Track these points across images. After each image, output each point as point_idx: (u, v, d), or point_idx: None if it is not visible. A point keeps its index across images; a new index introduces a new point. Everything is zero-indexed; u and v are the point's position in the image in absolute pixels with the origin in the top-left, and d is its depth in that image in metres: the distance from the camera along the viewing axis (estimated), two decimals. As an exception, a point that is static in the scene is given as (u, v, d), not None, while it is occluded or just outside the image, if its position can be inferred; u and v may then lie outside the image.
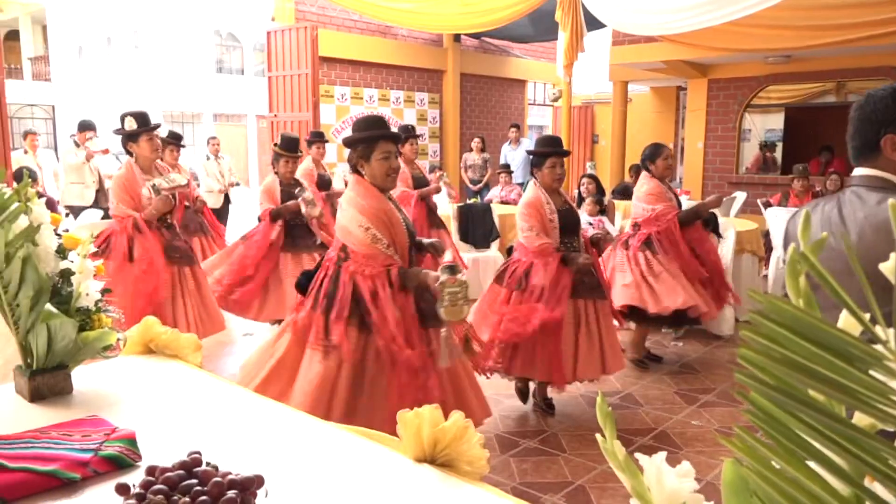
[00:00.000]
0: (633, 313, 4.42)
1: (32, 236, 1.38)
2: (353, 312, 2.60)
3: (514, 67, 12.74)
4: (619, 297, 4.35)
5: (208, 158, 8.33)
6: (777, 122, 10.57)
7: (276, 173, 5.01)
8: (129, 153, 3.96)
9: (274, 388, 2.57)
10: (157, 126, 4.10)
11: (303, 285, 2.78)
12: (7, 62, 21.98)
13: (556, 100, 12.61)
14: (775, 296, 0.38)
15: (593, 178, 8.15)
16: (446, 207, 6.89)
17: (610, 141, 11.16)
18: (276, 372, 2.65)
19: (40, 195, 1.48)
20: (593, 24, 7.22)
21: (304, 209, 4.80)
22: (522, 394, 3.96)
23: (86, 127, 7.77)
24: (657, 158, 4.52)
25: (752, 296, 0.37)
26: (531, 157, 3.86)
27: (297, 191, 4.97)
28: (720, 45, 7.58)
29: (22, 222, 1.38)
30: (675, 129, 12.47)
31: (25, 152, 7.89)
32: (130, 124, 3.92)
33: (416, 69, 10.95)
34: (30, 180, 1.47)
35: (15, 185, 1.40)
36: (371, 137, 2.65)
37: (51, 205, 6.74)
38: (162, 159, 4.68)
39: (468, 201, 8.03)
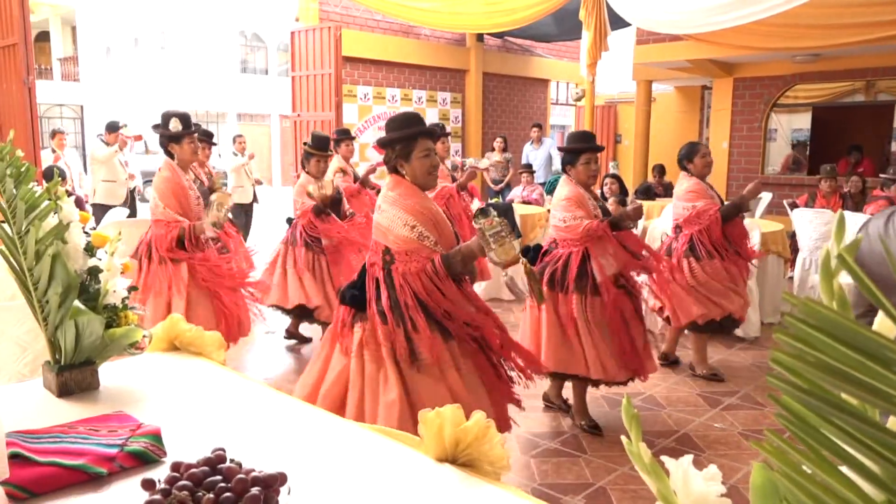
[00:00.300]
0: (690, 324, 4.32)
1: (62, 234, 1.40)
2: (429, 317, 2.45)
3: (537, 67, 12.69)
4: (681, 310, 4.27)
5: (235, 155, 8.40)
6: (804, 121, 10.42)
7: (307, 172, 4.93)
8: (169, 154, 3.87)
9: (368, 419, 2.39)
10: (199, 128, 4.07)
11: (358, 299, 2.56)
12: (37, 63, 22.35)
13: (579, 99, 12.53)
14: (810, 298, 0.37)
15: (616, 178, 8.09)
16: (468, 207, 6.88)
17: (633, 141, 11.07)
18: (360, 404, 2.45)
19: (69, 193, 1.51)
20: (617, 23, 7.16)
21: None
22: (561, 404, 3.88)
23: (114, 128, 7.87)
24: (695, 156, 4.41)
25: (787, 298, 0.36)
26: (563, 153, 3.73)
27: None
28: (747, 44, 7.49)
29: (52, 221, 1.40)
30: (699, 129, 12.34)
31: (53, 151, 7.99)
32: (175, 125, 3.82)
33: (438, 69, 10.96)
34: (59, 179, 1.49)
35: (45, 183, 1.43)
36: (410, 135, 2.56)
37: (79, 203, 6.85)
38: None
39: (490, 201, 8.01)
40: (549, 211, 4.08)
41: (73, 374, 1.41)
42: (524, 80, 12.57)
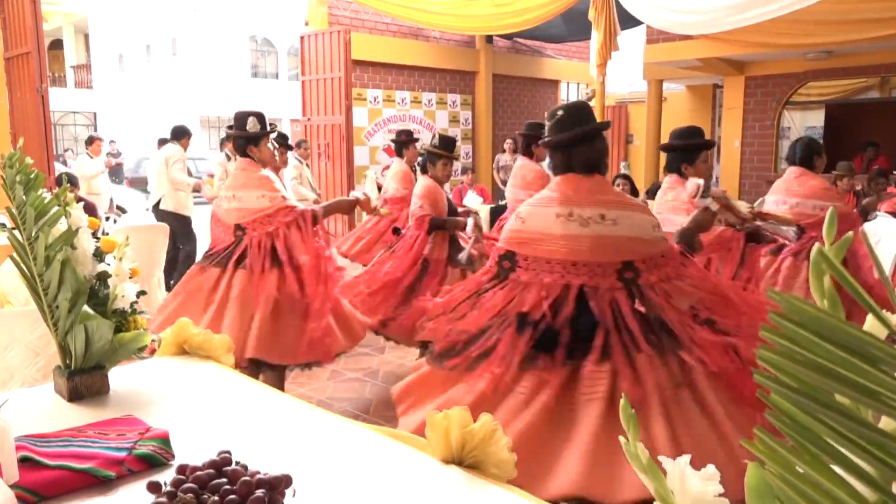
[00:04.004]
0: None
1: (71, 240, 1.41)
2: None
3: (547, 68, 12.68)
4: None
5: (300, 162, 7.66)
6: (817, 118, 10.34)
7: (430, 176, 4.29)
8: (248, 156, 3.48)
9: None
10: (275, 128, 3.79)
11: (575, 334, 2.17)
12: (51, 70, 22.62)
13: (589, 99, 12.50)
14: (795, 296, 0.37)
15: (627, 178, 8.05)
16: (479, 209, 6.88)
17: (644, 141, 11.03)
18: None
19: (79, 199, 1.52)
20: (627, 22, 7.14)
21: (469, 230, 4.07)
22: None
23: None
24: (816, 158, 3.93)
25: (771, 295, 0.36)
26: (672, 151, 3.32)
27: (462, 210, 4.39)
28: (759, 42, 7.45)
29: (61, 227, 1.42)
30: (711, 128, 12.28)
31: (91, 157, 8.11)
32: (254, 125, 3.46)
33: (448, 71, 10.97)
34: (68, 185, 1.51)
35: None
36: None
37: (90, 209, 6.91)
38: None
39: (500, 202, 8.01)
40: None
41: (84, 379, 1.42)
42: (534, 82, 12.56)
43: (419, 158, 4.52)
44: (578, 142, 2.19)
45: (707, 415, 1.99)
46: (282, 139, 5.60)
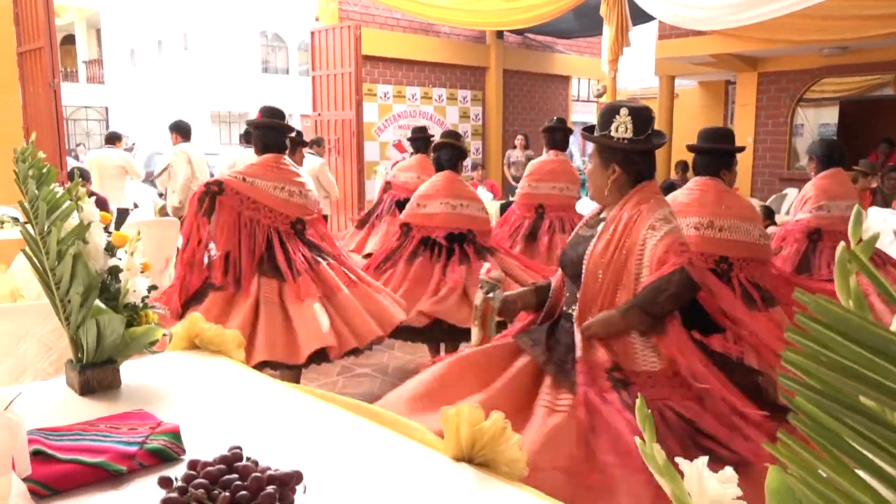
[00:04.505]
0: None
1: (83, 234, 1.41)
2: None
3: (558, 63, 12.63)
4: None
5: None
6: (831, 115, 10.25)
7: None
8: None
9: None
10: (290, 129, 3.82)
11: None
12: (63, 66, 22.78)
13: (600, 96, 12.43)
14: (823, 297, 0.36)
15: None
16: (489, 205, 6.86)
17: (655, 137, 10.96)
18: None
19: (91, 194, 1.53)
20: (639, 18, 7.10)
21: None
22: None
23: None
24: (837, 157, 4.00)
25: (800, 297, 0.35)
26: (704, 154, 3.16)
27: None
28: (773, 38, 7.38)
29: (73, 221, 1.42)
30: (723, 125, 12.20)
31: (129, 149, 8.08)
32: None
33: (458, 66, 10.95)
34: (80, 180, 1.51)
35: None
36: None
37: (101, 204, 6.94)
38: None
39: (511, 199, 7.99)
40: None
41: (95, 373, 1.42)
42: (545, 77, 12.51)
43: (433, 155, 4.49)
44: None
45: None
46: (299, 137, 5.63)
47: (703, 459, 0.57)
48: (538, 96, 12.49)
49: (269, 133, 3.48)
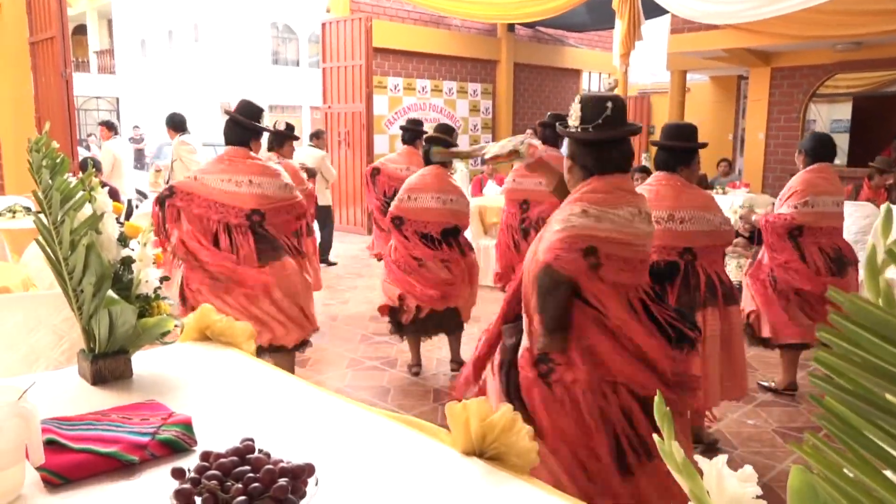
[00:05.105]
0: None
1: (96, 224, 1.42)
2: None
3: (569, 57, 12.57)
4: None
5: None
6: (844, 111, 10.16)
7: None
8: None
9: None
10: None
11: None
12: (75, 56, 22.84)
13: (611, 90, 12.39)
14: (858, 296, 0.35)
15: (648, 171, 7.98)
16: (498, 199, 6.84)
17: (666, 132, 10.90)
18: None
19: (103, 184, 1.53)
20: (651, 11, 7.05)
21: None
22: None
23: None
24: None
25: (834, 297, 0.35)
26: (666, 150, 3.18)
27: None
28: (786, 32, 7.32)
29: (86, 211, 1.42)
30: (735, 120, 12.12)
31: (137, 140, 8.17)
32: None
33: (469, 59, 10.91)
34: (93, 170, 1.52)
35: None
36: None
37: (113, 194, 7.00)
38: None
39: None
40: None
41: (107, 363, 1.43)
42: (556, 71, 12.46)
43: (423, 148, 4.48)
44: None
45: None
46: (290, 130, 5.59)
47: (723, 458, 0.56)
48: (549, 90, 12.44)
49: (234, 128, 3.48)
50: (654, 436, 0.58)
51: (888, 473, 0.41)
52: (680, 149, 3.08)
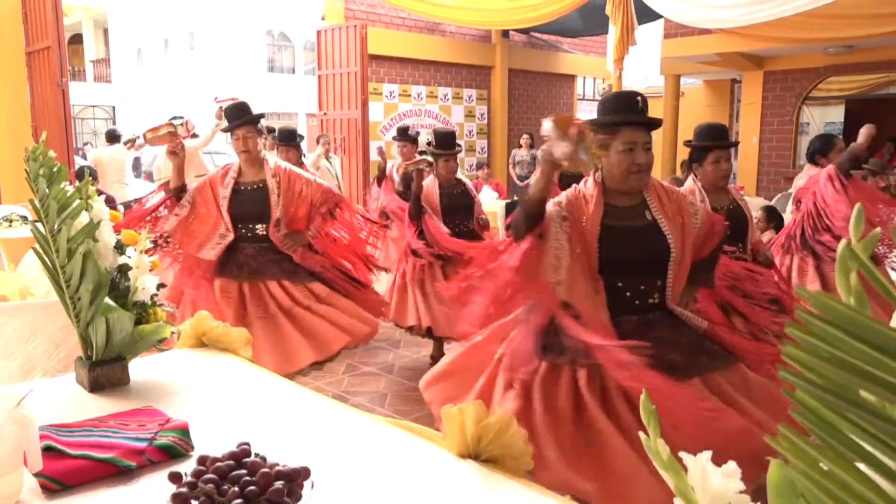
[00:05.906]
0: None
1: (93, 233, 1.43)
2: None
3: (564, 62, 12.61)
4: None
5: (328, 158, 7.58)
6: (837, 114, 10.21)
7: (435, 175, 4.30)
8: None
9: None
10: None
11: None
12: (71, 65, 22.82)
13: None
14: (824, 293, 0.36)
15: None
16: (494, 204, 6.87)
17: (661, 136, 10.94)
18: None
19: (100, 193, 1.54)
20: (644, 16, 7.09)
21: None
22: None
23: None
24: (829, 152, 4.10)
25: (800, 293, 0.36)
26: (689, 150, 3.24)
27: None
28: (778, 36, 7.36)
29: (83, 219, 1.43)
30: (729, 124, 12.16)
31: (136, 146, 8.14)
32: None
33: (464, 66, 10.94)
34: (90, 178, 1.53)
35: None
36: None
37: (109, 202, 7.00)
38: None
39: (515, 198, 7.98)
40: None
41: (104, 370, 1.44)
42: (550, 76, 12.49)
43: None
44: None
45: None
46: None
47: (707, 454, 0.58)
48: (543, 95, 12.48)
49: None
50: (640, 433, 0.60)
51: (861, 466, 0.42)
52: (692, 148, 3.23)
